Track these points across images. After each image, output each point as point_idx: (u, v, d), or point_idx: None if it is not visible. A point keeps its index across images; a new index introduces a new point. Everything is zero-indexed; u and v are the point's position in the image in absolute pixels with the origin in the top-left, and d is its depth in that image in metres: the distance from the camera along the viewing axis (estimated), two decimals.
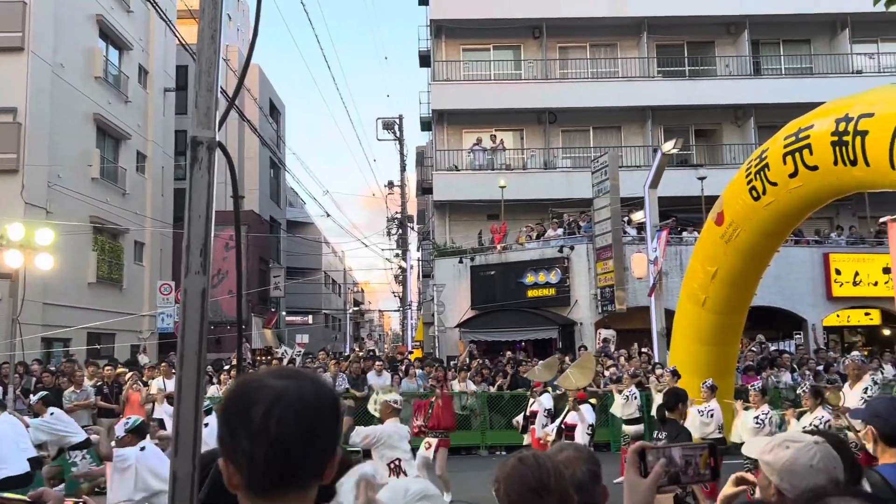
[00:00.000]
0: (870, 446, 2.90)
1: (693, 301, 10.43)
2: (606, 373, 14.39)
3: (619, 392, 11.88)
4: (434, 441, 9.99)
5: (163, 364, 14.21)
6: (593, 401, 10.89)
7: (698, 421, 9.10)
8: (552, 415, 10.06)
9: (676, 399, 7.07)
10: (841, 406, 8.49)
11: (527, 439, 10.45)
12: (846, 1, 23.94)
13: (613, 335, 18.77)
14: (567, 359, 15.23)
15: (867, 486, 2.51)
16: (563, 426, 9.03)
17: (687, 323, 10.75)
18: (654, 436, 10.45)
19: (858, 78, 23.07)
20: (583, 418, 8.83)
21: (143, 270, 25.74)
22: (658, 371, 12.14)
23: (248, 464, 1.24)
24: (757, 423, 8.31)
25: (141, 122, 25.94)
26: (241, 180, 31.66)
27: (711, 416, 9.11)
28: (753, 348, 17.20)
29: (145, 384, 13.37)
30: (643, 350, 16.56)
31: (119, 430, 5.76)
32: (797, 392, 9.41)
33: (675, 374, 10.58)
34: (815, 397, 7.77)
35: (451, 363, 17.89)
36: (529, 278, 20.82)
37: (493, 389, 15.31)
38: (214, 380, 14.57)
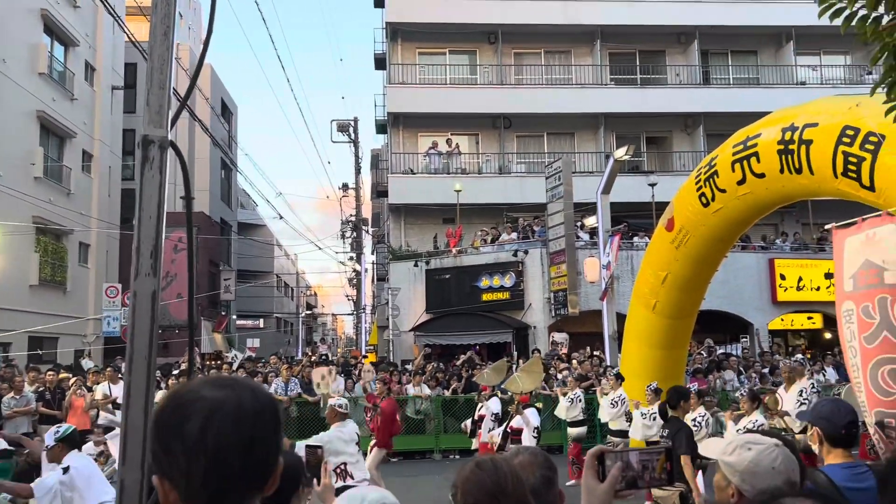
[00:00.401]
0: (815, 447, 2.98)
1: (644, 305, 10.59)
2: (559, 375, 14.51)
3: (564, 395, 11.97)
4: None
5: (108, 369, 13.84)
6: (539, 404, 10.95)
7: (640, 423, 9.26)
8: (500, 419, 10.06)
9: (678, 396, 7.17)
10: (779, 409, 8.73)
11: (475, 444, 10.44)
12: (791, 14, 24.76)
13: (566, 338, 18.96)
14: (521, 361, 15.31)
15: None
16: (509, 430, 9.06)
17: (638, 326, 10.90)
18: (607, 439, 10.59)
19: (802, 89, 23.80)
20: (528, 422, 8.86)
21: (87, 272, 25.04)
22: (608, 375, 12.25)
23: (185, 480, 1.19)
24: (694, 425, 8.40)
25: (87, 121, 25.26)
26: (192, 181, 31.05)
27: (654, 418, 9.24)
28: (703, 352, 17.55)
29: (89, 389, 13.00)
30: (595, 353, 16.75)
31: (49, 438, 5.42)
32: (737, 395, 9.63)
33: (619, 378, 10.72)
34: (753, 401, 7.92)
35: (406, 367, 17.84)
36: (484, 282, 20.90)
37: (447, 393, 15.31)
38: (163, 385, 14.23)
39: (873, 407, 3.27)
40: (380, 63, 28.37)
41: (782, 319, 22.03)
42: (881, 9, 3.92)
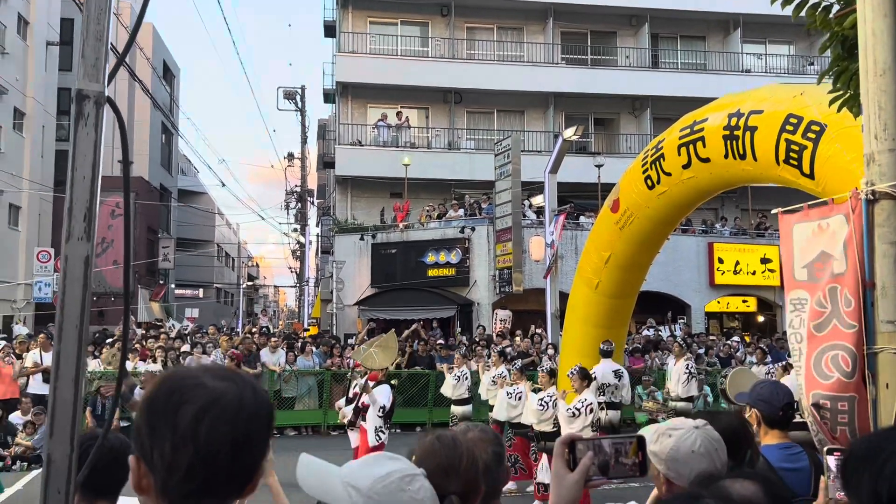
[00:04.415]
0: (754, 429, 3.05)
1: (586, 284, 10.72)
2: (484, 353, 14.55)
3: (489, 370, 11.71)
4: None
5: (41, 335, 13.37)
6: (395, 381, 10.71)
7: (505, 402, 9.40)
8: (387, 413, 8.57)
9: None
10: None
11: (353, 441, 8.89)
12: (739, 2, 25.24)
13: (509, 316, 19.12)
14: (465, 338, 15.28)
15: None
16: (360, 406, 8.72)
17: (580, 305, 11.04)
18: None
19: (747, 76, 24.30)
20: (374, 400, 8.40)
21: (18, 235, 24.08)
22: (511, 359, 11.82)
23: (166, 469, 1.13)
24: (540, 405, 8.26)
25: (20, 77, 24.11)
26: (130, 144, 30.04)
27: (519, 398, 9.25)
28: (647, 331, 17.88)
29: (18, 357, 12.54)
30: (538, 331, 16.94)
31: None
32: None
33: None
34: (583, 379, 7.76)
35: (349, 341, 17.73)
36: (430, 258, 20.88)
37: (391, 368, 15.28)
38: (96, 353, 13.85)
39: (811, 390, 3.38)
40: (329, 31, 27.80)
41: (718, 302, 22.67)
42: None
